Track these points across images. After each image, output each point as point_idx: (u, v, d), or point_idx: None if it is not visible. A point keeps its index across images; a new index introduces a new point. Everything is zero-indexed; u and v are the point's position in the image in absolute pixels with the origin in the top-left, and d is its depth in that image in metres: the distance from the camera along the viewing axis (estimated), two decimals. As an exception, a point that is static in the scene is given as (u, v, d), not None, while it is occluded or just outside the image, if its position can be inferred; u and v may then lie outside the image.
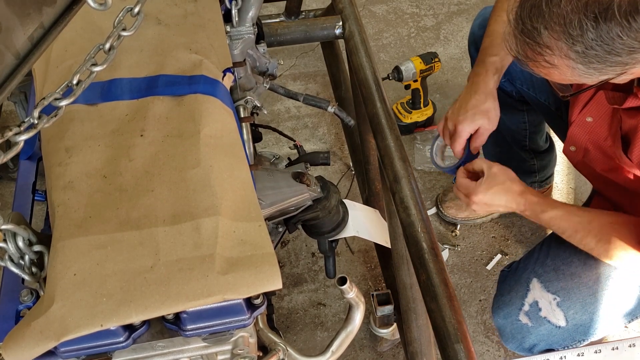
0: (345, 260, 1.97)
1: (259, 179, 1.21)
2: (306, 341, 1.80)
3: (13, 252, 0.91)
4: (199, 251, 0.92)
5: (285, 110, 2.44)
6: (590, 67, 0.95)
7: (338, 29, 1.84)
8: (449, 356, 1.08)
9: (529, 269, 1.36)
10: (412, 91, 2.26)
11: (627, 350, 1.70)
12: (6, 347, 0.85)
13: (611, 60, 0.93)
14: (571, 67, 0.97)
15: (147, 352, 0.99)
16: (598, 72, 0.97)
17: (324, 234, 1.39)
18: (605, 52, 0.92)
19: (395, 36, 2.72)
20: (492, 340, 1.79)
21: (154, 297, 0.87)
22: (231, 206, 0.99)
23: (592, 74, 0.98)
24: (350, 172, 2.21)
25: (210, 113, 1.10)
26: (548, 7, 0.92)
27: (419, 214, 1.28)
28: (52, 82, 1.13)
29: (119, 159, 1.03)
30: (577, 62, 0.95)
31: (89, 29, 1.20)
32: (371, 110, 1.54)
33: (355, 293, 1.19)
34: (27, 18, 0.64)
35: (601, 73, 0.97)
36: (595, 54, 0.92)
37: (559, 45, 0.94)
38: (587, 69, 0.96)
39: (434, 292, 1.16)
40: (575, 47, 0.93)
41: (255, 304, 0.98)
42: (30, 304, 0.97)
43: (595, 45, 0.91)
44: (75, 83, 0.79)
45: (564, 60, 0.96)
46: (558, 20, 0.91)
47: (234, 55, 1.38)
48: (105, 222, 0.95)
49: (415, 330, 1.47)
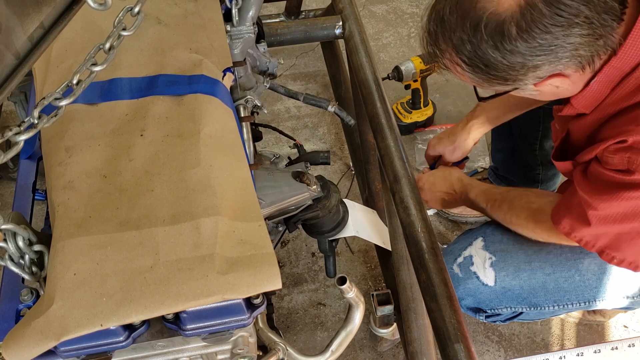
0: (345, 260, 1.97)
1: (259, 179, 1.21)
2: (306, 341, 1.80)
3: (13, 251, 0.91)
4: (198, 251, 0.92)
5: (285, 110, 2.44)
6: (477, 75, 1.02)
7: (338, 29, 1.84)
8: (449, 356, 1.08)
9: (482, 230, 1.43)
10: (412, 91, 2.26)
11: (626, 350, 1.71)
12: (6, 347, 0.85)
13: (491, 72, 0.99)
14: (460, 73, 1.04)
15: (146, 351, 0.99)
16: (485, 82, 1.03)
17: (324, 234, 1.39)
18: (483, 65, 0.98)
19: (395, 36, 2.72)
20: (492, 340, 1.79)
21: (154, 297, 0.87)
22: (231, 206, 0.99)
23: (481, 84, 1.05)
24: (350, 172, 2.21)
25: (210, 113, 1.10)
26: (445, 15, 0.99)
27: (419, 214, 1.28)
28: (52, 82, 1.13)
29: (119, 159, 1.03)
30: (465, 69, 1.02)
31: (89, 29, 1.20)
32: (371, 110, 1.54)
33: (355, 293, 1.19)
34: (27, 18, 0.64)
35: (489, 83, 1.04)
36: (476, 65, 0.99)
37: (450, 51, 1.01)
38: (476, 77, 1.03)
39: (434, 292, 1.16)
40: (460, 55, 1.00)
41: (255, 304, 0.98)
42: (30, 303, 0.97)
43: (473, 57, 0.98)
44: (75, 83, 0.79)
45: (455, 66, 1.03)
46: (447, 29, 0.99)
47: (234, 55, 1.38)
48: (105, 222, 0.95)
49: (415, 330, 1.47)
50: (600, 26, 0.92)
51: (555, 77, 0.99)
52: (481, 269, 1.36)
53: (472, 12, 0.95)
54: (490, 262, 1.36)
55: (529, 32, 0.92)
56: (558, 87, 1.02)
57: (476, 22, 0.94)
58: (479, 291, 1.37)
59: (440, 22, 1.00)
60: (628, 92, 1.00)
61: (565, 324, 1.81)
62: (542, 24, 0.91)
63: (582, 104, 1.07)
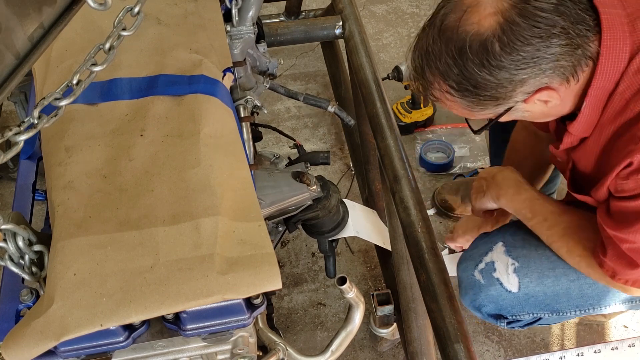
0: (345, 260, 1.97)
1: (259, 179, 1.21)
2: (306, 341, 1.80)
3: (13, 251, 0.91)
4: (198, 251, 0.92)
5: (285, 110, 2.44)
6: (467, 100, 1.05)
7: (338, 29, 1.84)
8: (449, 356, 1.08)
9: (500, 234, 1.39)
10: (412, 91, 2.26)
11: (626, 350, 1.71)
12: (6, 347, 0.85)
13: (481, 93, 1.02)
14: (451, 101, 1.07)
15: (146, 351, 0.99)
16: (477, 105, 1.06)
17: (324, 234, 1.39)
18: (472, 86, 1.02)
19: (395, 36, 2.72)
20: (492, 340, 1.79)
21: (154, 297, 0.87)
22: (231, 206, 0.99)
23: (473, 108, 1.07)
24: (350, 172, 2.21)
25: (210, 113, 1.10)
26: (426, 48, 1.04)
27: (419, 214, 1.28)
28: (52, 82, 1.13)
29: (119, 159, 1.03)
30: (455, 95, 1.05)
31: (89, 29, 1.20)
32: (371, 110, 1.54)
33: (355, 293, 1.19)
34: (27, 18, 0.64)
35: (481, 107, 1.06)
36: (465, 88, 1.02)
37: (438, 80, 1.05)
38: (467, 102, 1.06)
39: (434, 292, 1.16)
40: (448, 82, 1.03)
41: (255, 304, 0.98)
42: (30, 303, 0.97)
43: (462, 80, 1.01)
44: (75, 83, 0.79)
45: (445, 94, 1.06)
46: (432, 59, 1.03)
47: (234, 55, 1.38)
48: (105, 222, 0.95)
49: (415, 330, 1.47)
50: (577, 36, 0.98)
51: (542, 90, 1.02)
52: (504, 275, 1.32)
53: (455, 37, 0.99)
54: (513, 267, 1.32)
55: (511, 46, 0.96)
56: (547, 102, 1.05)
57: (460, 45, 0.98)
58: (502, 298, 1.33)
59: (425, 55, 1.04)
60: (619, 109, 1.03)
61: (565, 324, 1.81)
62: (522, 36, 0.96)
63: (580, 130, 1.10)
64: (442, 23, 1.01)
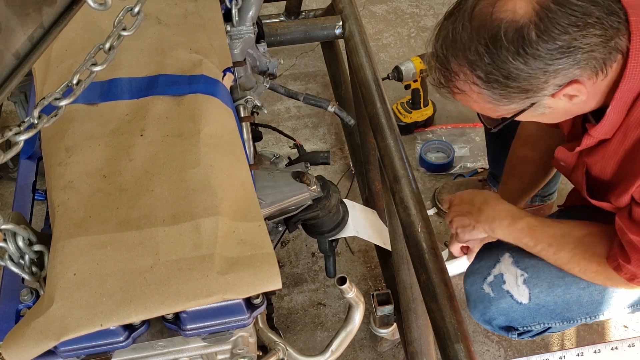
0: (345, 260, 1.97)
1: (258, 179, 1.21)
2: (306, 341, 1.80)
3: (13, 251, 0.91)
4: (198, 251, 0.92)
5: (285, 110, 2.44)
6: (495, 92, 1.01)
7: (338, 29, 1.84)
8: (449, 356, 1.08)
9: (506, 244, 1.34)
10: (412, 91, 2.26)
11: (626, 350, 1.71)
12: (6, 347, 0.85)
13: (511, 85, 0.99)
14: (478, 93, 1.03)
15: (146, 351, 0.99)
16: (504, 98, 1.02)
17: (324, 234, 1.39)
18: (503, 77, 0.98)
19: (395, 36, 2.72)
20: (492, 340, 1.79)
21: (154, 297, 0.87)
22: (231, 206, 0.99)
23: (499, 101, 1.03)
24: (350, 172, 2.21)
25: (210, 113, 1.10)
26: (453, 36, 1.00)
27: (419, 214, 1.28)
28: (52, 82, 1.13)
29: (119, 159, 1.03)
30: (482, 87, 1.01)
31: (89, 29, 1.20)
32: (371, 110, 1.54)
33: (355, 293, 1.19)
34: (27, 18, 0.64)
35: (508, 100, 1.02)
36: (495, 79, 0.98)
37: (464, 70, 1.01)
38: (493, 94, 1.01)
39: (434, 292, 1.16)
40: (477, 72, 0.99)
41: (255, 304, 0.98)
42: (30, 303, 0.97)
43: (493, 70, 0.97)
44: (75, 83, 0.79)
45: (471, 85, 1.02)
46: (460, 47, 0.99)
47: (234, 55, 1.38)
48: (105, 222, 0.95)
49: (415, 330, 1.47)
50: (610, 27, 0.95)
51: (572, 84, 0.99)
52: (514, 287, 1.30)
53: (488, 24, 0.95)
54: (522, 278, 1.30)
55: (548, 34, 0.93)
56: (572, 98, 1.02)
57: (494, 32, 0.95)
58: (513, 310, 1.32)
59: (451, 43, 1.00)
60: None
61: (565, 324, 1.81)
62: (559, 24, 0.93)
63: (602, 132, 1.08)
64: (473, 10, 0.97)
